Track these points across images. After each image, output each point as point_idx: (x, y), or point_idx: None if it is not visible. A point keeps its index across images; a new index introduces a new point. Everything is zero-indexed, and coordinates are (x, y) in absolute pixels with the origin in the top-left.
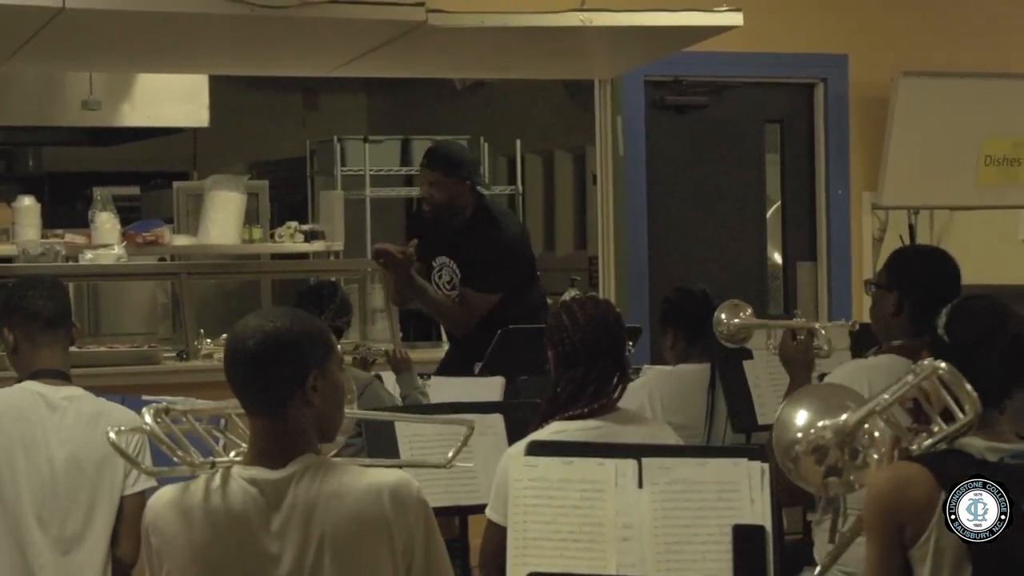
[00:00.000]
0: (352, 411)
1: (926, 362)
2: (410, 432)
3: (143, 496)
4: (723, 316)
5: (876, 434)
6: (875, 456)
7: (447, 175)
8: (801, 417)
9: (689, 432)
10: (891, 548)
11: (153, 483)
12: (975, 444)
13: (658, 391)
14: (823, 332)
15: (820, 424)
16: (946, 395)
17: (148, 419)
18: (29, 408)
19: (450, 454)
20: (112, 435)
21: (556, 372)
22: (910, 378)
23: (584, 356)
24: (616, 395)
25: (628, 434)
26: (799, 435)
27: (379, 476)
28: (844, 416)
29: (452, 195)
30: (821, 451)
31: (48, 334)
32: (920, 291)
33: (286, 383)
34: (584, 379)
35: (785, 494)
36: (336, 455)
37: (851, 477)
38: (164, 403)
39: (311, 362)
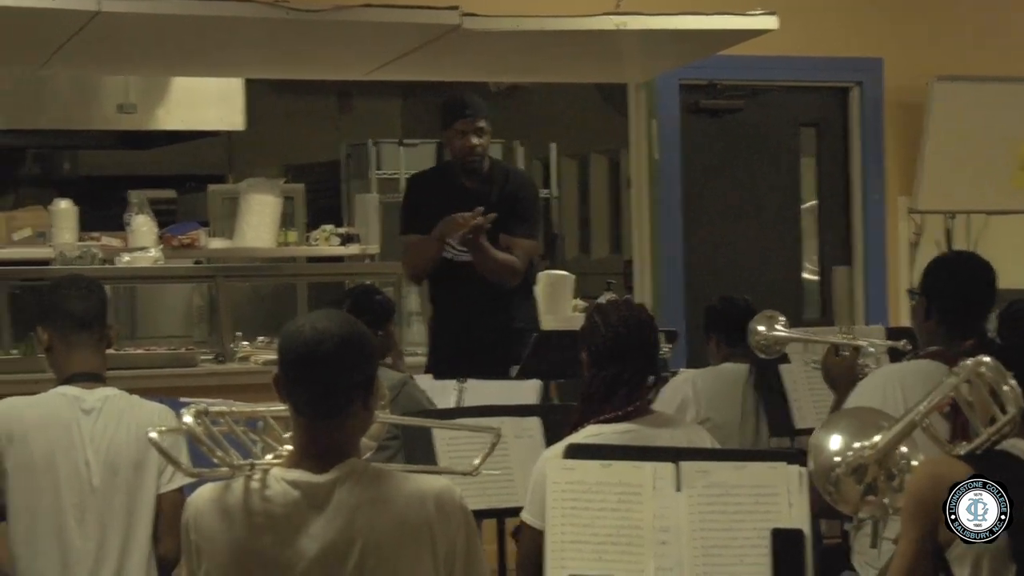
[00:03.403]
0: (385, 416)
1: (968, 361)
2: (447, 436)
3: (181, 492)
4: (760, 328)
5: (914, 462)
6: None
7: (488, 123)
8: (836, 441)
9: (727, 431)
10: (923, 542)
11: (191, 478)
12: (1022, 446)
13: (702, 385)
14: (871, 349)
15: (858, 445)
16: (989, 398)
17: (188, 419)
18: (65, 413)
19: (476, 461)
20: (154, 435)
21: (588, 373)
22: (951, 380)
23: (616, 355)
24: (649, 397)
25: (663, 437)
26: (837, 458)
27: (423, 482)
28: (881, 435)
29: (488, 143)
30: (861, 470)
31: (82, 334)
32: (947, 296)
33: (357, 387)
34: (616, 379)
35: (825, 506)
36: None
37: (886, 500)
38: (204, 404)
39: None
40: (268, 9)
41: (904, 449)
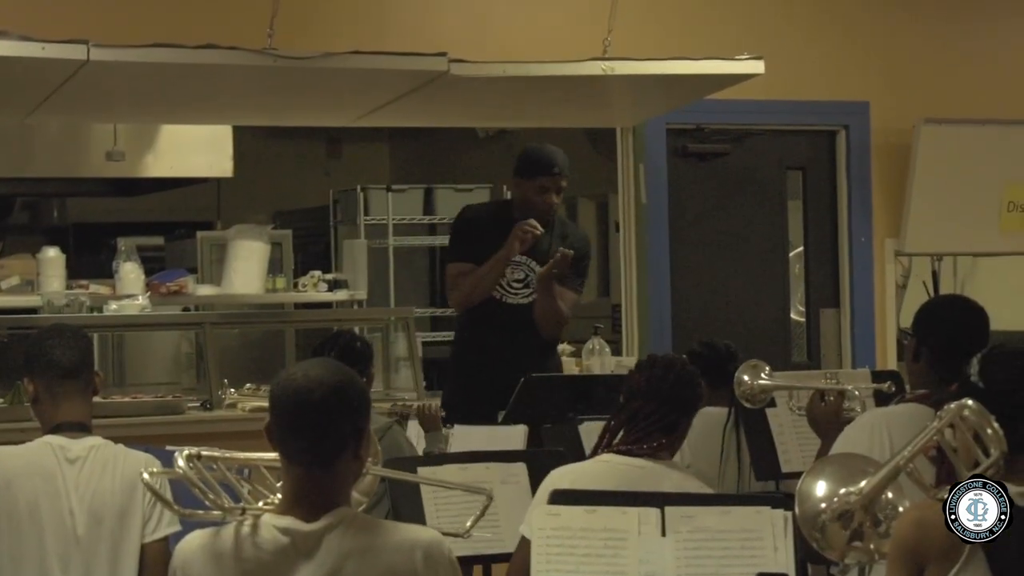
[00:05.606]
0: (377, 469)
1: (952, 405)
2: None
3: (166, 542)
4: (745, 378)
5: (900, 508)
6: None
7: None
8: (822, 487)
9: (711, 475)
10: None
11: (175, 528)
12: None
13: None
14: (856, 393)
15: (844, 491)
16: (972, 441)
17: (181, 463)
18: (49, 462)
19: (468, 523)
20: (146, 476)
21: (618, 405)
22: (935, 424)
23: (644, 394)
24: (667, 441)
25: (671, 482)
26: (823, 504)
27: (412, 533)
28: (867, 480)
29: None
30: (847, 516)
31: (68, 384)
32: (937, 339)
33: (349, 436)
34: (637, 412)
35: (811, 551)
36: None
37: (872, 545)
38: (196, 450)
39: (366, 418)
40: (256, 57)
41: (890, 495)
